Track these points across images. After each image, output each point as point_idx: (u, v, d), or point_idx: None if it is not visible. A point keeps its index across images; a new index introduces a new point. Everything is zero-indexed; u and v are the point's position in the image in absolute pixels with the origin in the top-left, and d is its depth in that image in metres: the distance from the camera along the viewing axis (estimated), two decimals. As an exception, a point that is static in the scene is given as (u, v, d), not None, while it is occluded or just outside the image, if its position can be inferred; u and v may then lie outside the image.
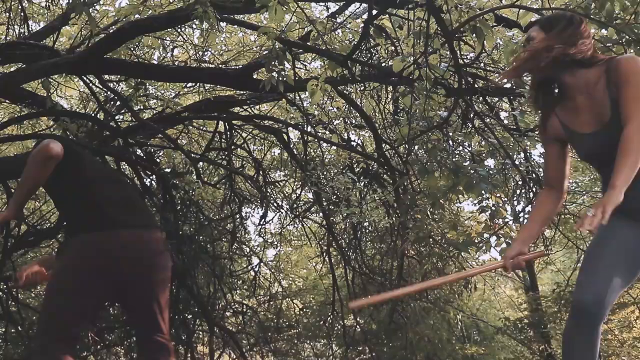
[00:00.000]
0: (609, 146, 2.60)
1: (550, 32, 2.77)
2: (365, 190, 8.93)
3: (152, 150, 8.31)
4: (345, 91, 7.56)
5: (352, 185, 7.88)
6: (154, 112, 8.44)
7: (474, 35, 4.90)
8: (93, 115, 7.59)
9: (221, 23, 6.21)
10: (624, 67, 2.61)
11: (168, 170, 8.06)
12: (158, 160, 8.55)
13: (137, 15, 6.76)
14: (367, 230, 10.02)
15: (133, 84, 7.51)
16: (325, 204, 8.67)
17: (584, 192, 11.34)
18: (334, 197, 8.29)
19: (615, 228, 2.70)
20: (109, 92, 7.60)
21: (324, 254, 9.88)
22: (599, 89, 2.68)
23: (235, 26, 8.12)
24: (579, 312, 2.64)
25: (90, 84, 7.54)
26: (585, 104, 2.73)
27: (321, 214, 9.45)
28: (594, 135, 2.68)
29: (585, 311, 2.61)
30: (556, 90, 2.90)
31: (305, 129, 8.34)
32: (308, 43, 6.04)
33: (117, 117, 7.85)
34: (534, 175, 7.54)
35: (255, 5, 4.92)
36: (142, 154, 7.92)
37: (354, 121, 8.82)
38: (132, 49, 7.64)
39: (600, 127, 2.67)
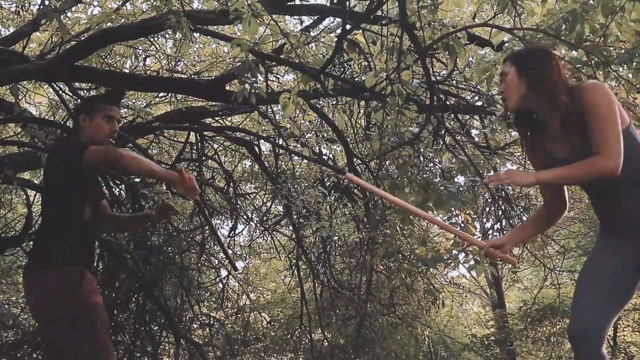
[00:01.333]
0: None
1: (524, 75, 2.81)
2: (336, 204, 8.93)
3: (121, 159, 8.22)
4: (317, 105, 7.57)
5: (322, 199, 7.87)
6: (125, 121, 8.36)
7: (447, 52, 4.93)
8: (62, 122, 7.49)
9: (194, 34, 6.18)
10: (587, 96, 2.65)
11: (137, 180, 7.99)
12: (128, 169, 8.46)
13: (109, 24, 6.71)
14: (337, 245, 10.02)
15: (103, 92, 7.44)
16: (295, 217, 8.65)
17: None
18: (304, 210, 8.27)
19: (602, 254, 2.78)
20: (79, 100, 7.51)
21: (293, 268, 9.86)
22: (568, 116, 2.72)
23: (209, 37, 8.09)
24: (572, 345, 2.75)
25: (60, 92, 7.45)
26: (559, 130, 2.78)
27: (291, 227, 9.43)
28: (567, 161, 2.73)
29: (575, 344, 2.73)
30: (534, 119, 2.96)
31: (276, 141, 8.32)
32: (281, 56, 6.03)
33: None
34: (503, 194, 7.61)
35: (229, 17, 4.91)
36: (111, 163, 7.83)
37: (325, 135, 8.83)
38: (103, 57, 7.58)
39: (573, 153, 2.72)
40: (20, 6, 7.31)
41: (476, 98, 7.38)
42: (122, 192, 8.23)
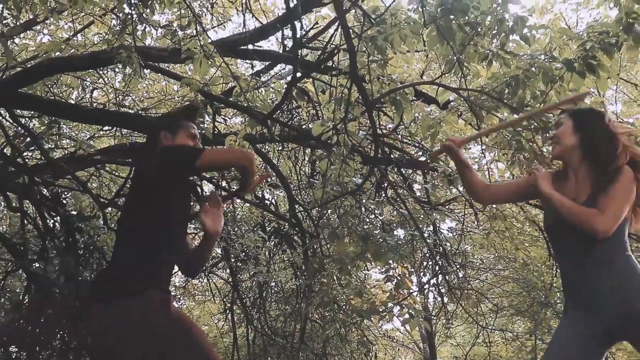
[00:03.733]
0: (572, 228, 2.82)
1: (578, 131, 2.99)
2: (275, 249, 8.89)
3: (59, 190, 8.05)
4: (263, 149, 7.57)
5: (261, 244, 7.82)
6: (66, 152, 8.21)
7: (394, 107, 5.01)
8: None
9: (145, 70, 6.15)
10: (621, 173, 2.83)
11: (74, 212, 7.81)
12: (65, 201, 8.27)
13: (58, 53, 6.63)
14: (273, 291, 9.94)
15: (46, 122, 7.31)
16: (233, 260, 8.57)
17: (488, 269, 11.62)
18: (243, 254, 8.21)
19: (565, 338, 2.87)
20: (19, 128, 7.35)
21: (227, 312, 9.72)
22: (583, 171, 2.95)
23: (159, 74, 8.07)
24: None
25: (0, 117, 7.29)
26: (573, 179, 2.98)
27: (228, 270, 9.33)
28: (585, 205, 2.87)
29: None
30: None
31: (219, 183, 8.28)
32: (230, 98, 6.05)
33: (25, 154, 7.58)
34: (441, 249, 7.69)
35: (181, 56, 4.92)
36: (47, 194, 7.66)
37: (269, 180, 8.82)
38: (49, 86, 7.46)
39: (589, 200, 2.85)
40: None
41: (420, 153, 7.50)
42: (56, 224, 8.03)
